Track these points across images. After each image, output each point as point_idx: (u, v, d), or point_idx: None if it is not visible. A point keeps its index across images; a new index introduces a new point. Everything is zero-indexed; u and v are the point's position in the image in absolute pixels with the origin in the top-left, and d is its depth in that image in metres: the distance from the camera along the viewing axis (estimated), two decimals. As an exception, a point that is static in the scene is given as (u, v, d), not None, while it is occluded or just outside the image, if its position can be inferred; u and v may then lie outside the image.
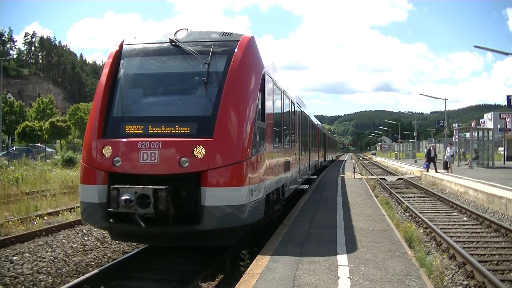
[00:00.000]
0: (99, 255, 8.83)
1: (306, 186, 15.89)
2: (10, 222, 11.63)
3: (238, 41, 7.40)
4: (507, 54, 26.51)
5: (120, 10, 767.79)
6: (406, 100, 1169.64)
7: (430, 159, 29.47)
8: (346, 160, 59.88)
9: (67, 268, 7.95)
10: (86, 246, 9.50)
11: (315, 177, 22.08)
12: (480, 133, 35.51)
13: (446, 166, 29.03)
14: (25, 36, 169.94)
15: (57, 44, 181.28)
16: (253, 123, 7.05)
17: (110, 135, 7.15)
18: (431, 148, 30.70)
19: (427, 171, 28.77)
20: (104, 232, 10.07)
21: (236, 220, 6.68)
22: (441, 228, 11.45)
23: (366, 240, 7.60)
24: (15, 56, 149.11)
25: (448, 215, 14.15)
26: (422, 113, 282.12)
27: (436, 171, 27.81)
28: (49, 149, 51.69)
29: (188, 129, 6.92)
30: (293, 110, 12.41)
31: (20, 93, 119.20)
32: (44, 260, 8.32)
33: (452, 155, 29.51)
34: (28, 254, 8.65)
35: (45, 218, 12.75)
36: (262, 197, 7.52)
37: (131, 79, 7.80)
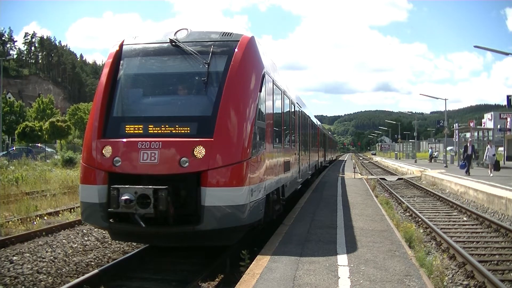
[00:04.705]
0: (99, 255, 8.83)
1: (304, 185, 15.88)
2: (10, 222, 11.63)
3: (238, 41, 7.40)
4: (507, 54, 26.43)
5: (119, 10, 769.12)
6: (406, 100, 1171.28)
7: (468, 157, 24.55)
8: (346, 160, 59.91)
9: (67, 268, 7.95)
10: (86, 246, 9.50)
11: (315, 177, 22.08)
12: (480, 133, 35.53)
13: (497, 167, 23.88)
14: (25, 36, 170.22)
15: (57, 44, 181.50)
16: (253, 123, 7.05)
17: (110, 135, 7.14)
18: (468, 143, 25.74)
19: (467, 172, 23.90)
20: (104, 232, 10.07)
21: (236, 220, 6.68)
22: (441, 228, 11.45)
23: (366, 240, 7.60)
24: (15, 56, 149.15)
25: (448, 215, 14.15)
26: (422, 113, 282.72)
27: (469, 174, 23.59)
28: (49, 149, 51.70)
29: (188, 129, 6.92)
30: (293, 110, 12.41)
31: (20, 93, 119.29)
32: (44, 260, 8.32)
33: (494, 155, 24.55)
34: (28, 254, 8.65)
35: (45, 218, 12.74)
36: (262, 197, 7.52)
37: (131, 79, 7.80)
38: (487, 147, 25.52)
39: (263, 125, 7.75)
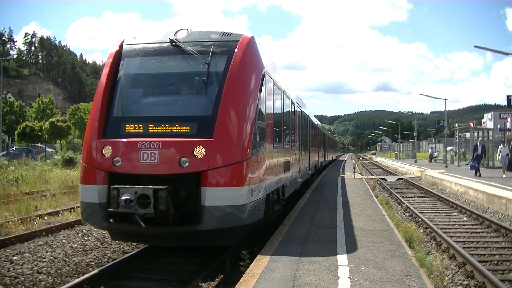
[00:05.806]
0: (99, 255, 8.83)
1: (304, 185, 15.88)
2: (10, 222, 11.63)
3: (238, 41, 7.40)
4: (507, 54, 26.35)
5: (118, 10, 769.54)
6: (406, 100, 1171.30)
7: (478, 157, 23.29)
8: (346, 160, 59.90)
9: (67, 268, 7.95)
10: (86, 246, 9.50)
11: (315, 177, 22.08)
12: (480, 133, 35.51)
13: (510, 167, 22.58)
14: (25, 36, 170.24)
15: (57, 44, 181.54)
16: (253, 123, 7.05)
17: (110, 135, 7.14)
18: (478, 143, 24.33)
19: (476, 174, 22.78)
20: (104, 232, 10.07)
21: (236, 220, 6.68)
22: (441, 228, 11.45)
23: (366, 240, 7.60)
24: (15, 56, 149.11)
25: (448, 215, 14.15)
26: (422, 113, 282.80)
27: (480, 175, 22.44)
28: (49, 149, 51.70)
29: (188, 129, 6.92)
30: (293, 110, 12.41)
31: (20, 93, 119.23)
32: (44, 260, 8.32)
33: (507, 154, 23.24)
34: (28, 254, 8.65)
35: (45, 218, 12.74)
36: (262, 197, 7.52)
37: (131, 79, 7.81)
38: (500, 146, 24.10)
39: (263, 125, 7.76)
